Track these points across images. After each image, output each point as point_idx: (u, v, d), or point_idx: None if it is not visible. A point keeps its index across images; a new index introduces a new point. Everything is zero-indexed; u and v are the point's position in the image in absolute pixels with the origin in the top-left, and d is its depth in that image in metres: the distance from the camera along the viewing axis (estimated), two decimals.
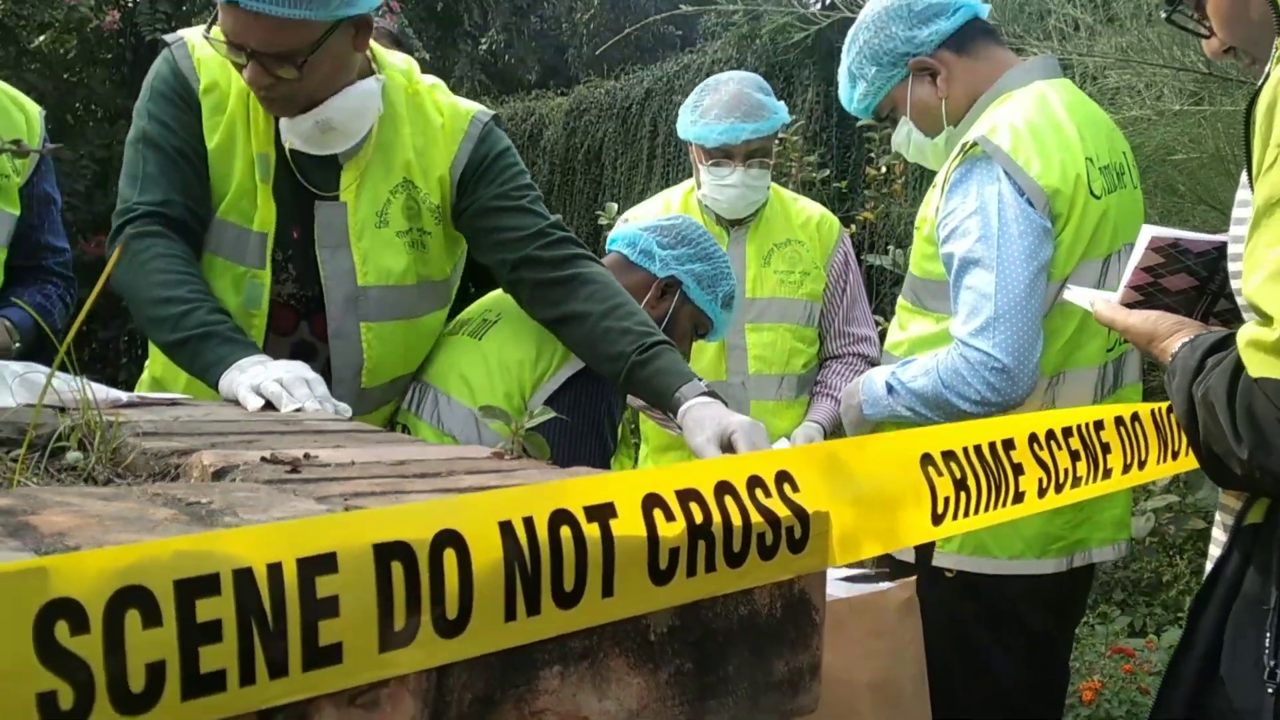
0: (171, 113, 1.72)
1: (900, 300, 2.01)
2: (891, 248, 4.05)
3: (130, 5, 5.46)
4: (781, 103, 2.56)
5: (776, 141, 3.62)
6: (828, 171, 3.70)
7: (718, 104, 2.48)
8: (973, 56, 1.89)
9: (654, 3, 17.70)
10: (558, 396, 1.76)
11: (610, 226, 3.71)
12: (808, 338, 2.59)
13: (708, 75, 9.32)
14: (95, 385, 1.26)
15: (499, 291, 2.04)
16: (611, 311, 1.73)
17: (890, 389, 1.84)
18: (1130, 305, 1.34)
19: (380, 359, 1.83)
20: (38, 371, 1.20)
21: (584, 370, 1.77)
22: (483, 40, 14.72)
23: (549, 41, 16.26)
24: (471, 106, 1.86)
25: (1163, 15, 1.43)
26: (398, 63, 1.84)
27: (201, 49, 1.73)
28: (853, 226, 3.72)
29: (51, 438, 1.03)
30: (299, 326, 1.83)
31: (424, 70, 1.87)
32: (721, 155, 2.48)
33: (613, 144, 10.21)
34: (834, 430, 2.56)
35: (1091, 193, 1.77)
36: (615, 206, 3.73)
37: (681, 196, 2.67)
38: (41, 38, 5.45)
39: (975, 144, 1.76)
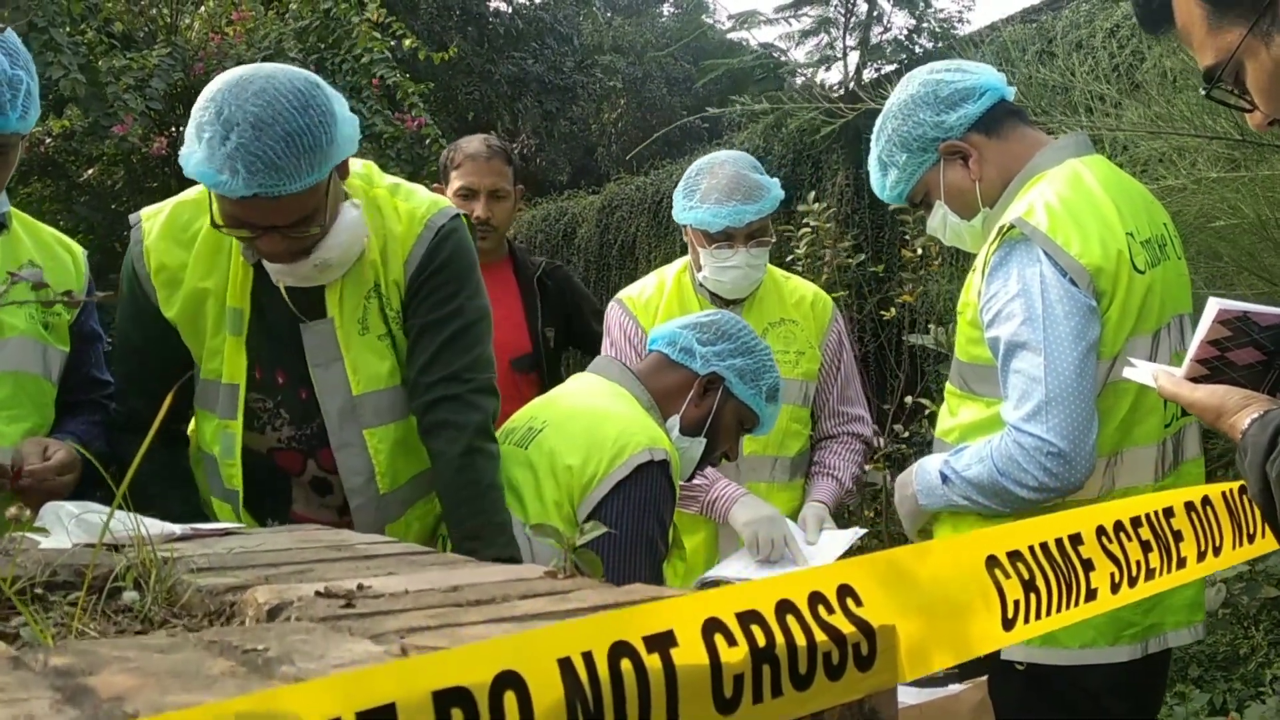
0: (131, 308, 1.84)
1: (948, 385, 1.98)
2: (933, 326, 4.02)
3: (175, 131, 5.64)
4: (775, 179, 2.56)
5: (809, 229, 3.64)
6: (863, 256, 3.68)
7: (716, 187, 2.48)
8: (1003, 138, 1.89)
9: (679, 99, 18.09)
10: (607, 503, 1.75)
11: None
12: (803, 418, 2.57)
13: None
14: (149, 520, 1.27)
15: (543, 399, 2.06)
16: (448, 516, 1.80)
17: (945, 478, 1.81)
18: (1195, 379, 1.31)
19: (391, 462, 1.85)
20: (94, 512, 1.21)
21: (633, 475, 1.76)
22: (514, 145, 15.08)
23: (578, 143, 16.60)
24: (429, 209, 1.86)
25: (1202, 92, 1.43)
26: (356, 167, 1.87)
27: (157, 225, 1.80)
28: (892, 309, 3.71)
29: (108, 579, 1.03)
30: (306, 465, 1.87)
31: None
32: (725, 238, 2.48)
33: (645, 238, 10.32)
34: (837, 510, 2.56)
35: (1135, 268, 1.75)
36: None
37: (675, 273, 2.65)
38: (90, 171, 5.63)
39: (1012, 226, 1.75)
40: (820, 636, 0.77)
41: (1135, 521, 1.09)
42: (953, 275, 3.52)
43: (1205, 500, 1.24)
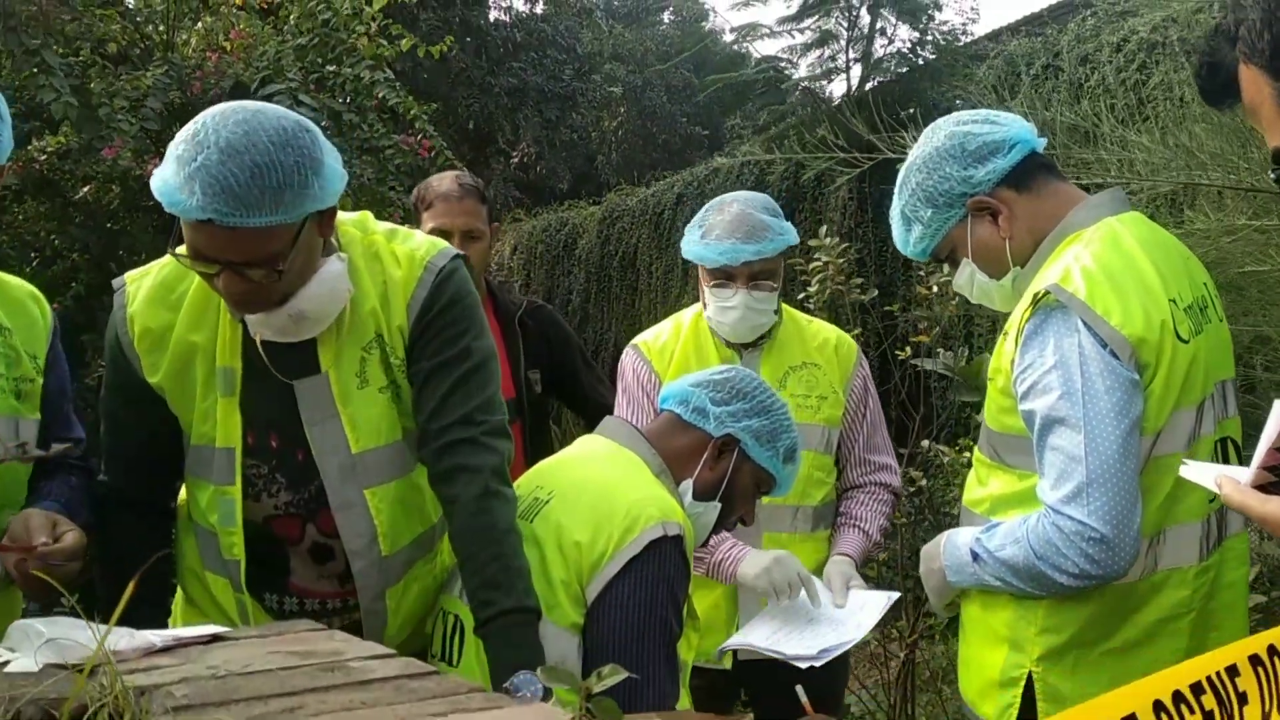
0: (114, 377, 1.78)
1: (976, 453, 1.88)
2: (940, 350, 3.91)
3: None
4: (788, 224, 2.45)
5: (823, 265, 3.54)
6: (875, 292, 3.59)
7: (720, 224, 2.39)
8: (1034, 193, 1.78)
9: (679, 107, 18.03)
10: (617, 582, 1.64)
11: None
12: (826, 466, 2.46)
13: (739, 178, 9.37)
14: (123, 632, 1.18)
15: (547, 465, 1.96)
16: (464, 564, 1.69)
17: (976, 557, 1.71)
18: (1262, 487, 1.22)
19: (393, 522, 1.78)
20: (66, 630, 1.11)
21: (645, 551, 1.66)
22: (514, 154, 14.98)
23: (578, 151, 16.54)
24: (428, 251, 1.78)
25: (1271, 176, 1.34)
26: (349, 216, 1.80)
27: (143, 289, 1.73)
28: (907, 349, 3.61)
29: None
30: (305, 531, 1.78)
31: None
32: (723, 276, 2.39)
33: (646, 250, 10.25)
34: (863, 563, 2.45)
35: (1179, 337, 1.64)
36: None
37: (692, 318, 2.56)
38: (86, 189, 5.54)
39: (1048, 292, 1.64)
40: None
41: (1196, 688, 0.99)
42: (964, 302, 3.43)
43: (1272, 650, 1.12)
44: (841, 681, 2.60)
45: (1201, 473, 1.34)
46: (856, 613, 2.20)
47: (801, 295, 3.47)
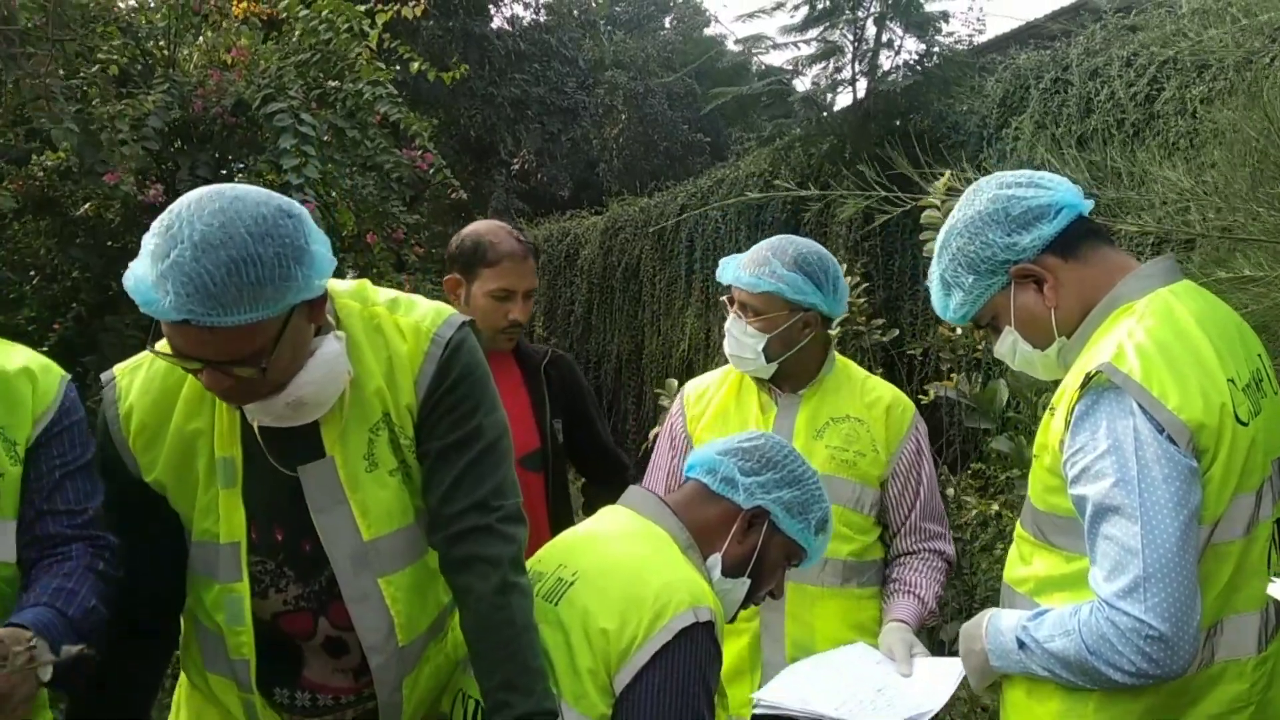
0: (104, 471, 1.67)
1: (1019, 530, 1.80)
2: (956, 375, 3.86)
3: (173, 167, 5.50)
4: (804, 280, 2.33)
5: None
6: (896, 333, 3.53)
7: (753, 251, 2.40)
8: (1082, 261, 1.70)
9: (681, 114, 17.97)
10: (647, 672, 1.57)
11: (669, 400, 3.58)
12: (855, 524, 2.37)
13: (742, 190, 9.29)
14: None
15: (572, 540, 1.88)
16: (477, 659, 1.62)
17: (1022, 645, 1.62)
18: None
19: (409, 610, 1.70)
20: None
21: (675, 639, 1.58)
22: (514, 162, 14.92)
23: (580, 157, 16.49)
24: (434, 321, 1.69)
25: None
26: (346, 287, 1.72)
27: (136, 382, 1.65)
28: (931, 393, 3.55)
29: None
30: (318, 625, 1.69)
31: (464, 203, 1.67)
32: (739, 306, 2.39)
33: (650, 261, 10.20)
34: (919, 630, 2.34)
35: (1238, 420, 1.56)
36: (675, 383, 3.60)
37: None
38: (85, 206, 5.48)
39: (1100, 372, 1.56)
40: None
41: None
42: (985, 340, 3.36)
43: None
44: None
45: None
46: (926, 680, 2.10)
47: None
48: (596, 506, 2.81)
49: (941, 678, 2.10)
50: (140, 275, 1.42)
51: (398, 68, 5.74)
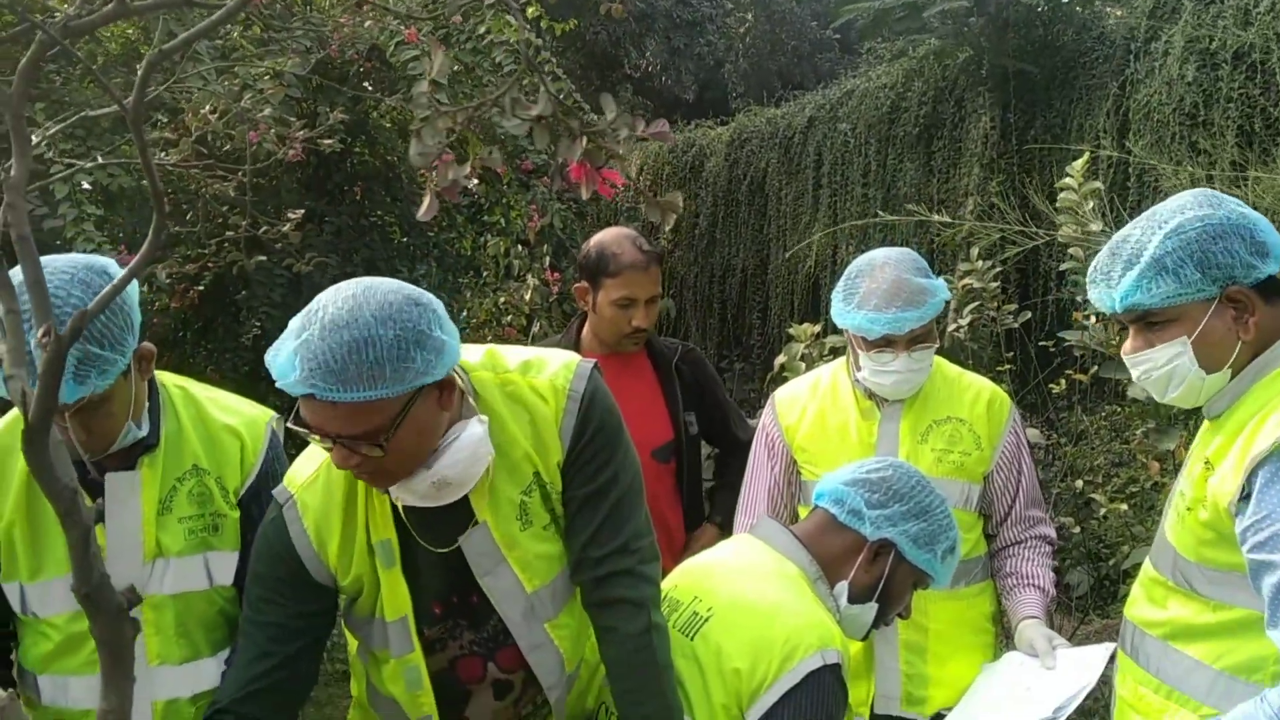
0: (279, 575, 1.77)
1: (1152, 571, 1.84)
2: (1090, 322, 3.77)
3: (314, 110, 5.67)
4: (941, 280, 2.41)
5: (973, 289, 3.44)
6: (1029, 315, 3.45)
7: (876, 292, 2.35)
8: (1274, 308, 1.72)
9: (809, 9, 17.39)
10: (776, 711, 1.67)
11: (788, 366, 3.62)
12: (964, 523, 2.40)
13: (873, 102, 9.05)
14: None
15: (705, 567, 1.96)
16: (621, 694, 1.71)
17: None
18: None
19: (571, 647, 1.83)
20: None
21: (804, 681, 1.68)
22: (639, 66, 14.73)
23: (704, 61, 16.18)
24: (566, 377, 1.77)
25: None
26: (477, 358, 1.78)
27: (309, 503, 1.75)
28: (1062, 382, 3.50)
29: None
30: (487, 669, 1.82)
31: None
32: (884, 343, 2.37)
33: (776, 175, 10.05)
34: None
35: None
36: (809, 329, 3.63)
37: (832, 374, 2.57)
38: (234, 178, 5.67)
39: None
40: None
41: None
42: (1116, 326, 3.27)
43: None
44: None
45: None
46: (1073, 668, 2.16)
47: (953, 327, 3.38)
48: (723, 473, 2.94)
49: (1086, 664, 2.16)
50: (280, 351, 1.55)
51: (524, 24, 5.77)
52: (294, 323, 1.57)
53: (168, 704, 1.86)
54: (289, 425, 1.66)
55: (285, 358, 1.53)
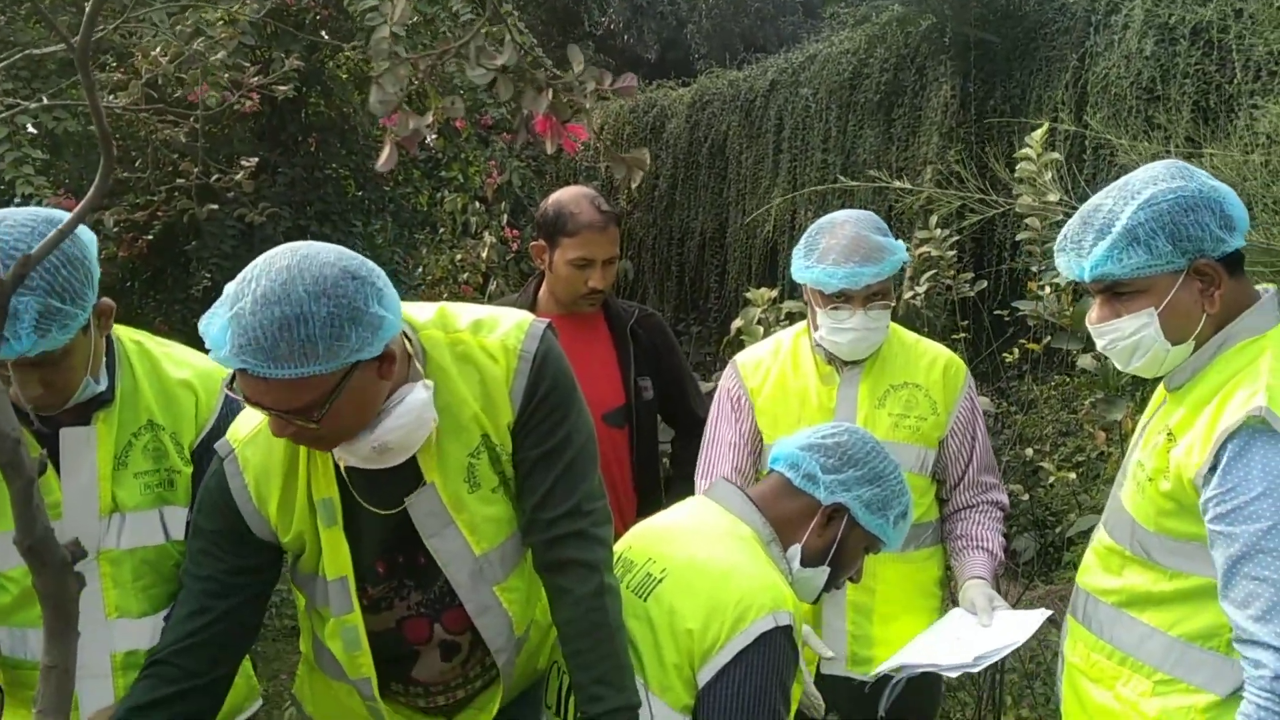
0: (222, 527, 1.75)
1: (1107, 540, 1.86)
2: (1045, 292, 3.80)
3: (268, 58, 5.56)
4: (900, 242, 2.43)
5: (930, 257, 3.46)
6: (984, 284, 3.47)
7: (835, 247, 2.37)
8: (1237, 282, 1.74)
9: None
10: (728, 671, 1.67)
11: (745, 330, 3.62)
12: (918, 487, 2.43)
13: (835, 68, 9.02)
14: None
15: (660, 529, 1.97)
16: (573, 655, 1.71)
17: None
18: None
19: (520, 610, 1.82)
20: None
21: (755, 642, 1.68)
22: (601, 22, 14.57)
23: (667, 20, 16.03)
24: (518, 337, 1.74)
25: None
26: (427, 316, 1.75)
27: (250, 457, 1.72)
28: (1015, 351, 3.53)
29: None
30: (434, 630, 1.81)
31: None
32: (841, 299, 2.38)
33: (737, 138, 10.02)
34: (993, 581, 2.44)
35: None
36: (766, 293, 3.62)
37: (793, 337, 2.57)
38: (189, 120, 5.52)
39: (1260, 416, 1.60)
40: None
41: None
42: (1076, 299, 3.30)
43: None
44: (931, 709, 2.66)
45: None
46: (1006, 628, 2.21)
47: (909, 294, 3.39)
48: (679, 464, 2.93)
49: (1019, 625, 2.21)
50: (212, 320, 1.51)
51: None
52: (228, 289, 1.52)
53: (126, 655, 1.86)
54: (227, 391, 1.63)
55: (218, 328, 1.49)
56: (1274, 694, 1.57)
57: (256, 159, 5.05)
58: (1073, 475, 3.71)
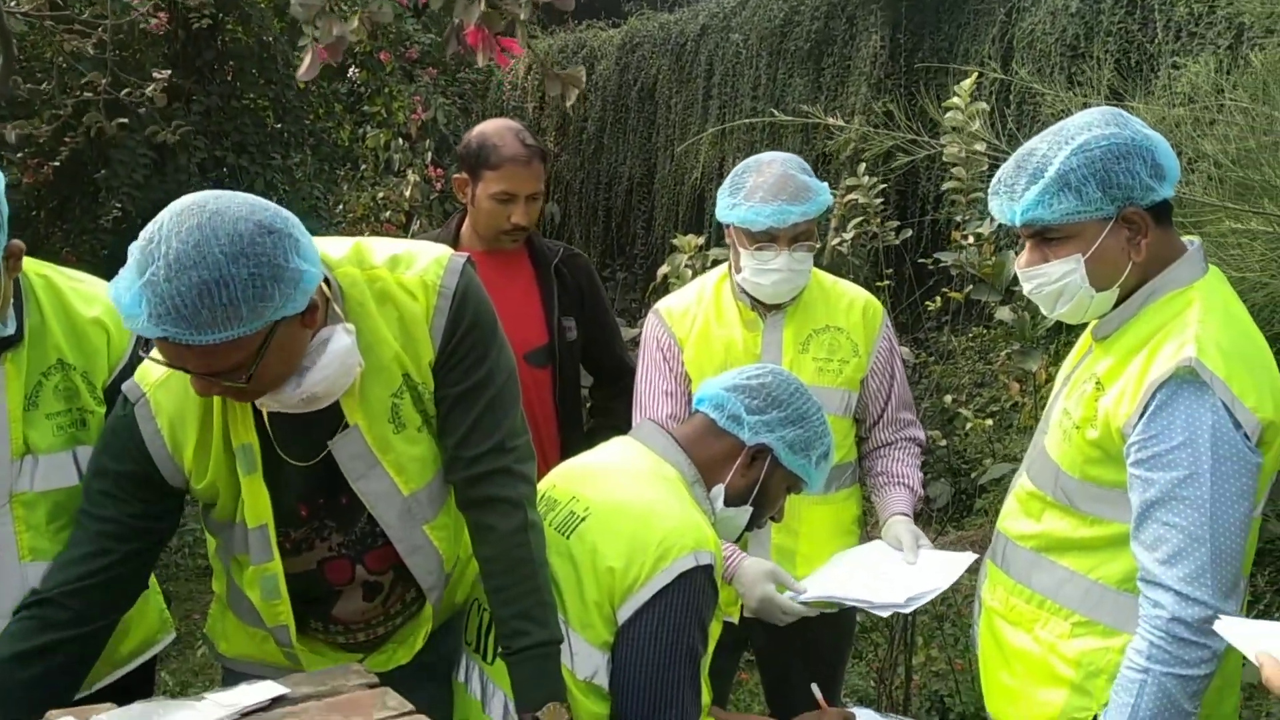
0: (129, 472, 1.68)
1: (1030, 487, 1.89)
2: (967, 243, 3.83)
3: None
4: (825, 184, 2.44)
5: (857, 205, 3.45)
6: (910, 233, 3.49)
7: (762, 186, 2.36)
8: (1164, 232, 1.76)
9: None
10: (648, 609, 1.68)
11: (671, 277, 3.59)
12: (842, 428, 2.47)
13: (766, 14, 8.94)
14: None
15: (584, 468, 1.96)
16: (496, 590, 1.70)
17: None
18: None
19: (449, 549, 1.81)
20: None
21: (675, 581, 1.69)
22: None
23: None
24: (437, 273, 1.70)
25: None
26: (342, 253, 1.69)
27: (163, 401, 1.66)
28: (938, 300, 3.56)
29: None
30: (355, 571, 1.78)
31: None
32: (766, 239, 2.37)
33: (666, 82, 9.93)
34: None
35: None
36: (693, 240, 3.59)
37: (715, 282, 2.56)
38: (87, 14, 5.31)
39: (1189, 367, 1.63)
40: None
41: None
42: (998, 249, 3.34)
43: None
44: (844, 656, 2.71)
45: (1242, 640, 1.37)
46: (932, 568, 2.24)
47: (835, 241, 3.39)
48: (600, 413, 2.91)
49: (945, 567, 2.25)
50: (123, 287, 1.44)
51: None
52: (134, 252, 1.44)
53: None
54: (147, 357, 1.58)
55: (131, 297, 1.41)
56: (1168, 634, 1.63)
57: (169, 72, 4.81)
58: (989, 423, 3.78)
